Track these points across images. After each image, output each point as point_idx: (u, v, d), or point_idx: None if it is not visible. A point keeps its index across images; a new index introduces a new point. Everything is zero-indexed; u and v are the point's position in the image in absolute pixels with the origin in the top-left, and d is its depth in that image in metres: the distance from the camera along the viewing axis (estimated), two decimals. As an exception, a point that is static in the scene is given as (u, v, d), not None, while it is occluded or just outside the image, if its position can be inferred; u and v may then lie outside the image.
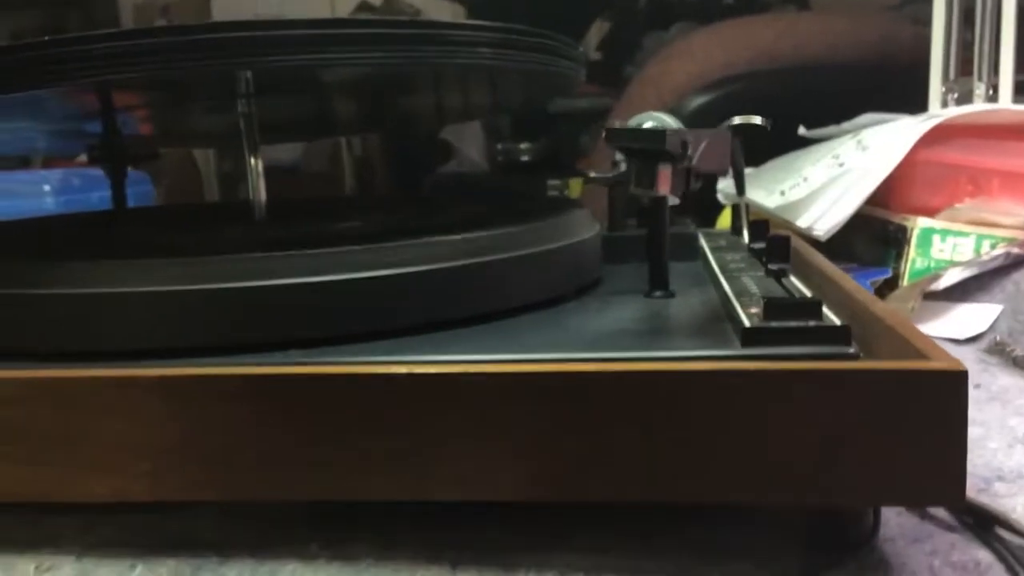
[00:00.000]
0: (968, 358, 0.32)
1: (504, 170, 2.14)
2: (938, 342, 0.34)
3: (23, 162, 1.19)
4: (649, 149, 0.40)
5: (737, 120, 0.43)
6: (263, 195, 0.54)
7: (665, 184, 0.41)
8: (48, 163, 1.16)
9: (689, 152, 0.40)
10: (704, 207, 0.93)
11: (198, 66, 0.37)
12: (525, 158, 2.15)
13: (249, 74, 0.46)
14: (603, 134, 0.40)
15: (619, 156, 0.67)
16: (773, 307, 0.35)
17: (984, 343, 0.63)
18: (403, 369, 0.33)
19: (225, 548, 0.36)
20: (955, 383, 0.31)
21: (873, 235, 0.76)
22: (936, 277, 0.66)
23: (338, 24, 0.37)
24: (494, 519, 0.37)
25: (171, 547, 0.36)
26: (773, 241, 0.44)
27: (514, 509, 0.36)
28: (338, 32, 0.36)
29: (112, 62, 0.37)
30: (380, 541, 0.36)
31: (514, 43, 0.41)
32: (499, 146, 2.20)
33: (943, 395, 0.31)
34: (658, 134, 0.38)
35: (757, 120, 0.43)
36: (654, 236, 0.45)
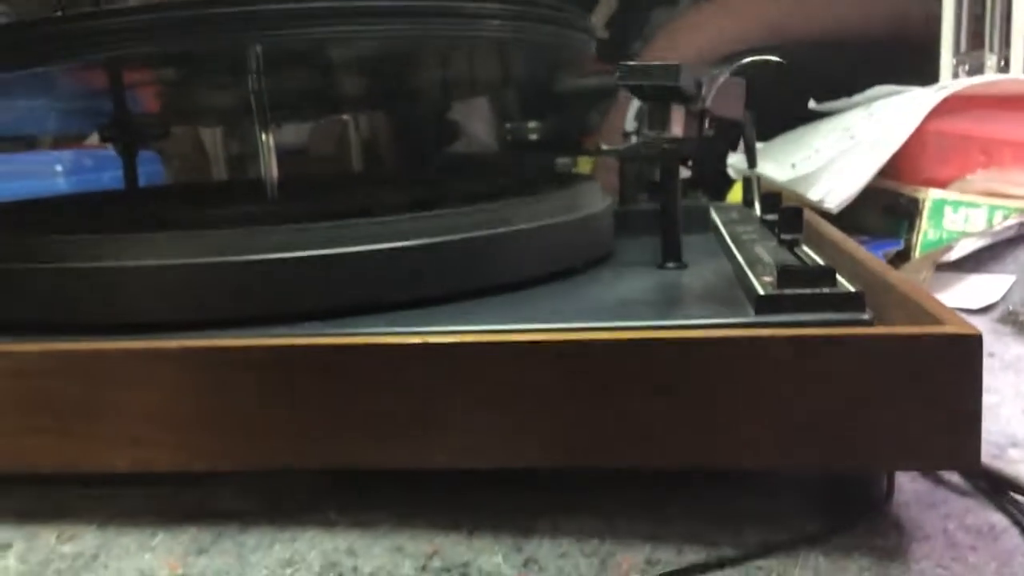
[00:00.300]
0: (982, 328, 0.32)
1: (512, 149, 2.14)
2: (951, 311, 0.34)
3: (29, 144, 1.19)
4: (662, 87, 0.39)
5: (750, 59, 0.42)
6: (275, 171, 0.54)
7: (679, 124, 0.41)
8: (57, 144, 1.16)
9: (703, 92, 0.39)
10: (714, 181, 0.93)
11: (210, 40, 0.37)
12: (533, 137, 2.15)
13: (259, 49, 0.46)
14: (616, 74, 0.39)
15: (630, 128, 0.67)
16: (787, 274, 0.35)
17: (997, 313, 0.63)
18: (417, 339, 0.33)
19: (245, 516, 0.36)
20: (969, 347, 0.31)
21: (884, 207, 0.75)
22: (948, 248, 0.65)
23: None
24: (510, 486, 0.37)
25: (192, 516, 0.37)
26: (786, 212, 0.44)
27: (530, 476, 0.36)
28: (352, 4, 0.36)
29: (124, 37, 0.37)
30: (398, 508, 0.36)
31: (526, 15, 0.41)
32: (507, 125, 2.20)
33: (957, 359, 0.31)
34: (671, 69, 0.37)
35: (772, 58, 0.42)
36: (667, 208, 0.45)
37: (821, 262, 0.40)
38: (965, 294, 0.65)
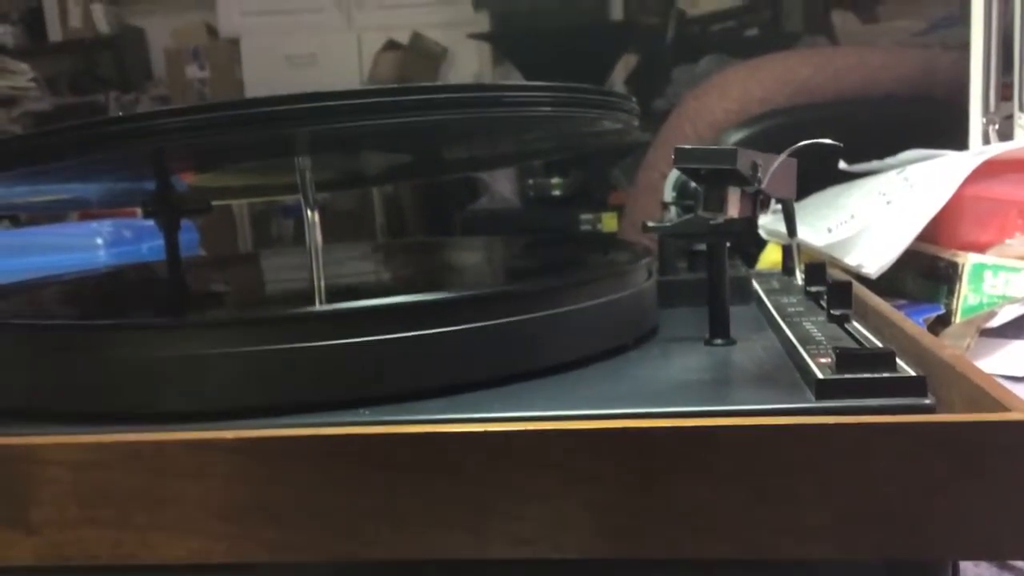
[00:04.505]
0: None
1: (535, 205, 2.16)
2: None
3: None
4: (718, 170, 0.40)
5: (807, 142, 0.42)
6: (320, 244, 0.55)
7: (735, 207, 0.41)
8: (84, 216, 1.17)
9: (759, 174, 0.39)
10: (744, 244, 0.93)
11: (267, 131, 0.37)
12: (556, 193, 2.17)
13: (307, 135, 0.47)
14: (673, 155, 0.39)
15: (667, 198, 0.67)
16: (846, 358, 0.35)
17: (1042, 380, 0.62)
18: (477, 428, 0.33)
19: (302, 607, 0.36)
20: (1037, 434, 0.31)
21: (922, 271, 0.75)
22: (991, 314, 0.65)
23: (408, 91, 0.37)
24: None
25: (248, 607, 0.36)
26: (835, 287, 0.44)
27: (588, 566, 0.36)
28: (408, 99, 0.37)
29: (181, 135, 0.38)
30: (456, 599, 0.36)
31: (574, 101, 0.42)
32: (530, 181, 2.22)
33: (1024, 446, 0.31)
34: (728, 153, 0.38)
35: (828, 141, 0.42)
36: (715, 285, 0.45)
37: (878, 343, 0.39)
38: (1008, 361, 0.64)
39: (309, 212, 0.56)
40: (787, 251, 0.63)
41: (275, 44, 2.79)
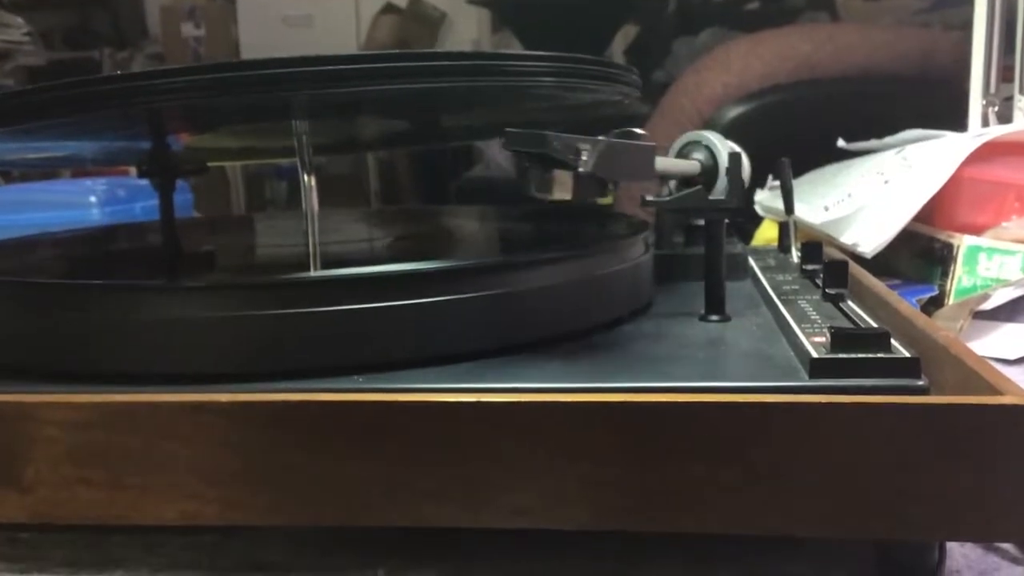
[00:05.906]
0: (1019, 379, 0.32)
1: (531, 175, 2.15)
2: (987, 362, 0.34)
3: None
4: (535, 154, 0.39)
5: (622, 130, 0.42)
6: (316, 208, 0.55)
7: (563, 188, 0.41)
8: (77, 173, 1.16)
9: (583, 158, 0.39)
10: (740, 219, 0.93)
11: (278, 93, 0.37)
12: (552, 163, 2.16)
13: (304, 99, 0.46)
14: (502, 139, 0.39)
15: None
16: (841, 338, 0.35)
17: (1033, 363, 0.63)
18: (470, 398, 0.33)
19: (292, 571, 0.36)
20: (1029, 419, 0.31)
21: (918, 251, 0.75)
22: (985, 296, 0.65)
23: (409, 57, 0.37)
24: (559, 549, 0.37)
25: (237, 569, 0.37)
26: (831, 266, 0.44)
27: (579, 539, 0.36)
28: (405, 64, 0.37)
29: (185, 94, 0.37)
30: (447, 568, 0.36)
31: (576, 72, 0.41)
32: (526, 150, 2.21)
33: (1015, 430, 0.31)
34: (540, 138, 0.37)
35: (637, 131, 0.42)
36: (711, 261, 0.45)
37: (873, 323, 0.39)
38: (1000, 344, 0.64)
39: (306, 177, 0.55)
40: (784, 228, 0.63)
41: (272, 4, 2.75)
